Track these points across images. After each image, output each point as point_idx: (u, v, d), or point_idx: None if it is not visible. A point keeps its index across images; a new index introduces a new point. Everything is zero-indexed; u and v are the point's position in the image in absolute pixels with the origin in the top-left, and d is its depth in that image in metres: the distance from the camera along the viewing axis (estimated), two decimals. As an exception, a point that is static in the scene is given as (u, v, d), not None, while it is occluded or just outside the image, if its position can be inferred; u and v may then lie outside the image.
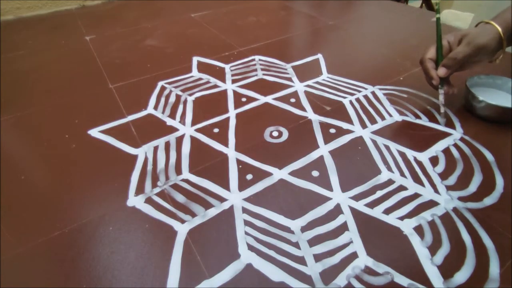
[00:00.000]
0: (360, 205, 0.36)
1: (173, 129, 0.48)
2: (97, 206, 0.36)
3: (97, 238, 0.33)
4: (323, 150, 0.43)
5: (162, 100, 0.54)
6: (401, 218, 0.34)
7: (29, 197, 0.38)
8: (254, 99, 0.54)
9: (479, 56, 0.44)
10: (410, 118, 0.49)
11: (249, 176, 0.40)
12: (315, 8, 0.95)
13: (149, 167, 0.41)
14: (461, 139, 0.44)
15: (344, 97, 0.54)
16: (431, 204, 0.36)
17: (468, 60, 0.44)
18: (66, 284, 0.29)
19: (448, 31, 0.48)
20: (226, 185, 0.39)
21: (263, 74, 0.61)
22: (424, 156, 0.42)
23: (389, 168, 0.40)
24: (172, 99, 0.54)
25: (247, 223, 0.34)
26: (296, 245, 0.32)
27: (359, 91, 0.55)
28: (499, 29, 0.43)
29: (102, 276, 0.30)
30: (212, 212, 0.35)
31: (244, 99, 0.54)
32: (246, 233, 0.33)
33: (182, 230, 0.34)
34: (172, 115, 0.51)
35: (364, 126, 0.47)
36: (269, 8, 0.95)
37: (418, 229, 0.33)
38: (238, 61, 0.65)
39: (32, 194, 0.38)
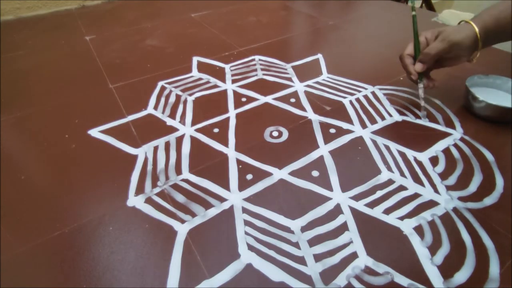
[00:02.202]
0: (360, 205, 0.36)
1: (173, 129, 0.48)
2: (97, 206, 0.36)
3: (97, 238, 0.33)
4: (323, 150, 0.43)
5: (162, 100, 0.54)
6: (401, 218, 0.34)
7: (29, 197, 0.38)
8: (254, 99, 0.54)
9: (453, 52, 0.45)
10: (410, 118, 0.49)
11: (249, 176, 0.40)
12: (315, 8, 0.95)
13: (149, 167, 0.41)
14: (461, 139, 0.44)
15: (344, 97, 0.54)
16: (431, 204, 0.36)
17: (443, 55, 0.45)
18: (66, 284, 0.29)
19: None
20: (226, 185, 0.39)
21: (263, 74, 0.61)
22: (424, 156, 0.42)
23: (389, 168, 0.40)
24: (172, 99, 0.54)
25: (247, 223, 0.34)
26: (296, 245, 0.32)
27: (359, 91, 0.55)
28: (476, 29, 0.43)
29: (102, 276, 0.30)
30: (212, 212, 0.35)
31: (244, 99, 0.54)
32: (246, 233, 0.33)
33: (182, 230, 0.34)
34: (172, 115, 0.51)
35: (364, 126, 0.47)
36: (269, 8, 0.95)
37: (418, 229, 0.33)
38: (238, 61, 0.65)
39: (32, 194, 0.38)
